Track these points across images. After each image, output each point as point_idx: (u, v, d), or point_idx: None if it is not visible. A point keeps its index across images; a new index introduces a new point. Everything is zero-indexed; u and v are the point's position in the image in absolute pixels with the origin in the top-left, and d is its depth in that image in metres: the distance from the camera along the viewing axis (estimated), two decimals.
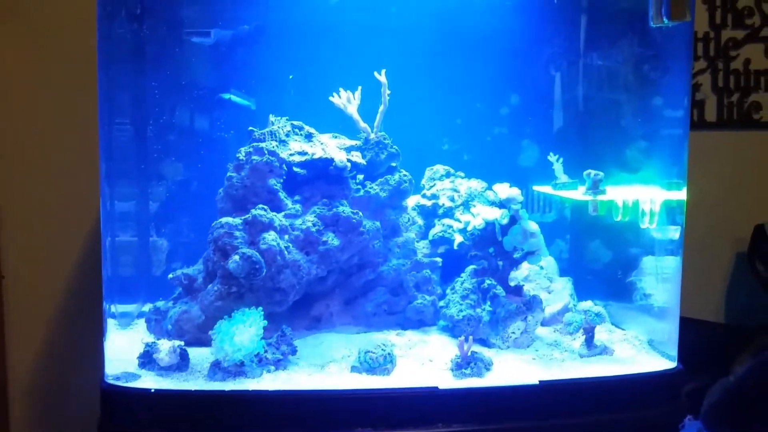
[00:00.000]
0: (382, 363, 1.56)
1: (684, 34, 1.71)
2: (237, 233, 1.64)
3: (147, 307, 1.81)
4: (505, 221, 1.74)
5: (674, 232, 1.82)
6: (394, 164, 1.88)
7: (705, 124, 2.53)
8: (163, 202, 1.96)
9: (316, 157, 1.75)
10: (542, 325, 1.84)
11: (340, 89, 1.83)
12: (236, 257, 1.58)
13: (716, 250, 2.54)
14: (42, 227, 2.11)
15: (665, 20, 1.54)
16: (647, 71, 1.89)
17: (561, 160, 1.90)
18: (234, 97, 1.96)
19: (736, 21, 2.51)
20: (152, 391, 1.48)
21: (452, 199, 1.95)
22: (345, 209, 1.74)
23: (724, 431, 2.06)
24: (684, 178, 1.76)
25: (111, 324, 1.71)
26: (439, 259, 1.90)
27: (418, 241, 1.91)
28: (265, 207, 1.68)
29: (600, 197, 1.76)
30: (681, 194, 1.73)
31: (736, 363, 2.20)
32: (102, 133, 1.67)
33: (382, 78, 1.81)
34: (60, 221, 2.10)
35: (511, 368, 1.61)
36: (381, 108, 1.84)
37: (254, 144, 1.75)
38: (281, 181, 1.75)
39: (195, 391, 1.48)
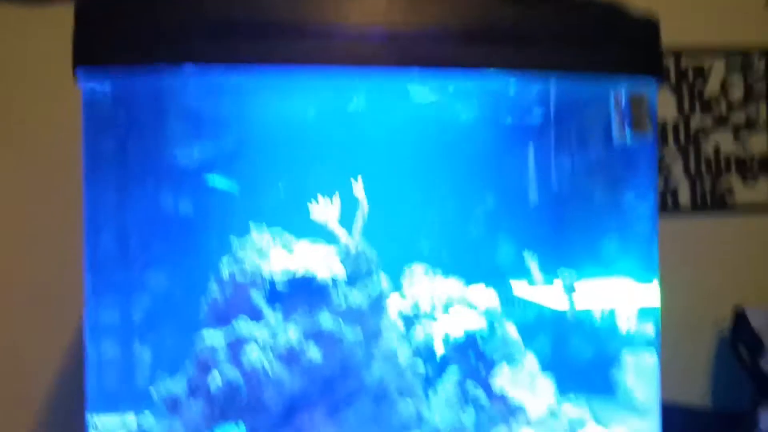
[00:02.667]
0: None
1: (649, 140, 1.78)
2: (218, 348, 1.66)
3: (129, 419, 1.80)
4: (484, 327, 1.77)
5: (651, 329, 1.85)
6: (373, 271, 1.91)
7: (680, 208, 2.59)
8: (147, 312, 1.98)
9: (297, 269, 1.78)
10: (526, 426, 1.84)
11: (319, 197, 1.88)
12: (217, 377, 1.59)
13: (699, 333, 2.57)
14: (22, 339, 2.12)
15: (628, 135, 1.61)
16: (615, 170, 1.96)
17: (536, 257, 1.94)
18: (217, 182, 2.01)
19: (704, 108, 2.61)
20: None
21: (432, 302, 1.97)
22: (326, 322, 1.76)
23: None
24: (656, 273, 1.80)
25: None
26: (420, 365, 1.91)
27: (399, 347, 1.93)
28: (247, 321, 1.70)
29: (578, 296, 1.79)
30: (655, 291, 1.76)
31: None
32: (88, 247, 1.70)
33: (359, 186, 1.86)
34: (40, 333, 2.11)
35: None
36: (360, 215, 1.88)
37: (235, 257, 1.78)
38: (263, 293, 1.78)
39: None
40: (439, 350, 1.88)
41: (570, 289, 1.83)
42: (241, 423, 1.56)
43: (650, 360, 1.81)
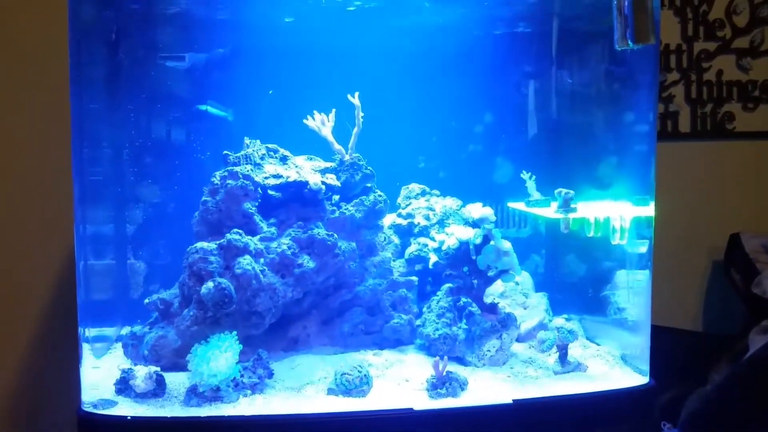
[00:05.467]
0: (358, 385, 1.58)
1: (650, 54, 1.74)
2: (212, 258, 1.65)
3: (125, 331, 1.82)
4: (478, 240, 1.76)
5: (644, 247, 1.84)
6: (369, 185, 1.90)
7: (679, 134, 2.56)
8: (139, 224, 1.97)
9: (290, 180, 1.77)
10: (518, 341, 1.86)
11: (315, 112, 1.85)
12: (210, 284, 1.59)
13: (692, 258, 2.58)
14: (16, 251, 2.10)
15: (630, 44, 1.56)
16: (614, 90, 1.92)
17: (534, 177, 1.92)
18: (211, 109, 1.97)
19: (708, 33, 2.55)
20: (128, 418, 1.49)
21: (427, 218, 1.96)
22: (320, 231, 1.75)
23: None
24: (652, 193, 1.78)
25: (88, 350, 1.71)
26: (415, 278, 1.91)
27: (394, 261, 1.93)
28: (240, 231, 1.69)
29: (571, 215, 1.78)
30: (649, 209, 1.75)
31: (713, 371, 2.23)
32: (75, 158, 1.65)
33: (355, 100, 1.83)
34: (34, 246, 2.09)
35: (486, 387, 1.63)
36: (355, 130, 1.86)
37: (229, 168, 1.76)
38: (256, 204, 1.76)
39: (171, 417, 1.48)
40: (434, 264, 1.88)
41: (566, 208, 1.81)
42: (234, 333, 1.57)
43: (643, 279, 1.81)
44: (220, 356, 1.53)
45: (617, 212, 1.78)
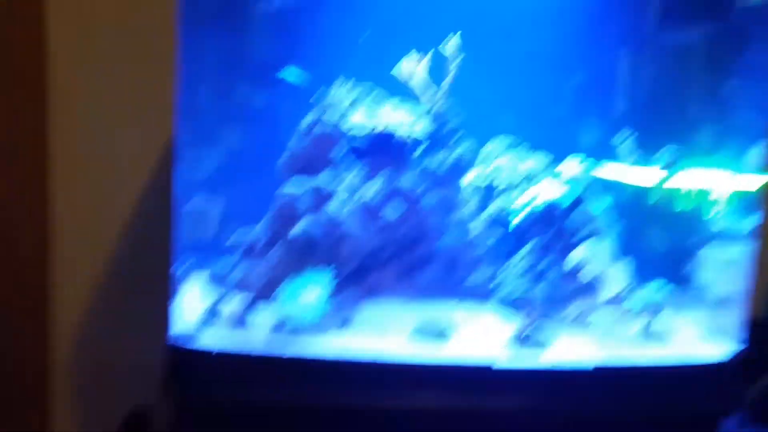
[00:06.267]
0: (439, 334, 1.59)
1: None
2: (299, 203, 1.68)
3: (212, 267, 1.86)
4: (567, 202, 1.72)
5: (746, 221, 1.75)
6: (455, 138, 1.87)
7: None
8: (226, 164, 2.00)
9: (377, 129, 1.76)
10: (601, 307, 1.83)
11: (405, 59, 1.81)
12: (297, 229, 1.62)
13: None
14: (100, 176, 2.00)
15: None
16: (727, 46, 1.80)
17: (630, 139, 1.84)
18: (289, 76, 1.96)
19: None
20: (214, 353, 1.53)
21: (513, 175, 1.92)
22: (404, 183, 1.75)
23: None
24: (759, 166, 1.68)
25: (179, 284, 1.76)
26: (496, 236, 1.89)
27: (475, 218, 1.91)
28: (327, 177, 1.70)
29: (670, 180, 1.71)
30: (755, 182, 1.66)
31: None
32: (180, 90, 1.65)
33: (450, 48, 1.78)
34: (123, 169, 1.99)
35: (568, 349, 1.61)
36: (447, 79, 1.82)
37: (316, 115, 1.76)
38: (342, 152, 1.77)
39: (256, 353, 1.52)
40: (517, 223, 1.85)
41: (665, 174, 1.73)
42: (327, 270, 1.59)
43: (740, 252, 1.73)
44: (311, 291, 1.56)
45: (719, 181, 1.70)
